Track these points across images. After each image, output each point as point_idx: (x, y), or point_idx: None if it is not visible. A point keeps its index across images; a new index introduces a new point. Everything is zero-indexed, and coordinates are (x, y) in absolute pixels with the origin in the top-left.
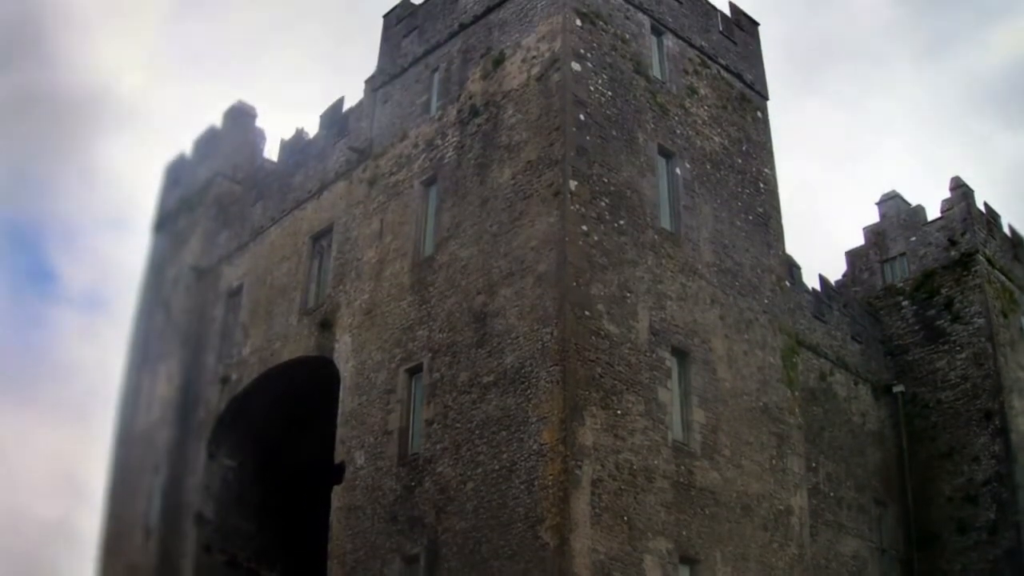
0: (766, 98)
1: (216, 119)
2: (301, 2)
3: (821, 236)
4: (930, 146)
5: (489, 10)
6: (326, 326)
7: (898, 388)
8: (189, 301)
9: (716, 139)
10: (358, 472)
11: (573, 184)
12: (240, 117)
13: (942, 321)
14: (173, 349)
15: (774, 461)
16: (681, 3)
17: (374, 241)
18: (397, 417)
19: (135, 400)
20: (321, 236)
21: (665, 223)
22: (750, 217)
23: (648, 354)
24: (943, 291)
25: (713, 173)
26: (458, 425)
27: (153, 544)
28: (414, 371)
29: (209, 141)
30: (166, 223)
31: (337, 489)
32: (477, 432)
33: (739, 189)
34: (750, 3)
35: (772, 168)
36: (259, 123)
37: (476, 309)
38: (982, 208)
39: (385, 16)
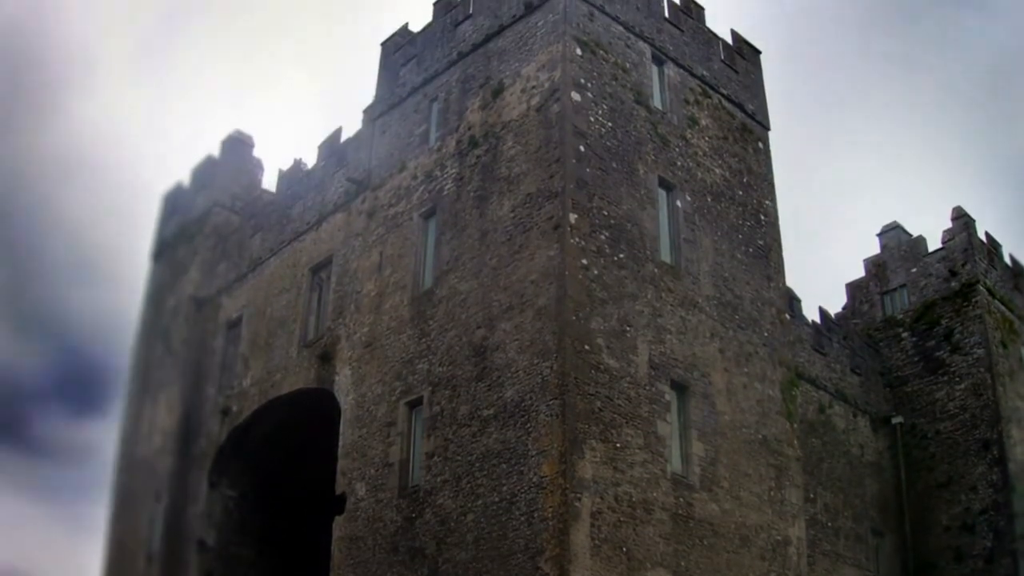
0: (767, 128)
1: (213, 148)
2: (298, 30)
3: (821, 266)
4: (934, 173)
5: (488, 38)
6: (326, 359)
7: (897, 419)
8: (189, 331)
9: (717, 171)
10: (359, 503)
11: (573, 217)
12: (237, 147)
13: (942, 352)
14: (173, 379)
15: (772, 492)
16: (683, 31)
17: (373, 274)
18: (398, 449)
19: (136, 428)
20: (320, 268)
21: (665, 256)
22: (750, 250)
23: (647, 388)
24: (943, 322)
25: (714, 205)
26: (458, 458)
27: (155, 570)
28: (414, 404)
29: (207, 170)
30: (164, 252)
31: (338, 519)
32: (477, 465)
33: (740, 221)
34: (752, 31)
35: (773, 200)
36: (256, 153)
37: (476, 343)
38: (983, 238)
39: (383, 44)
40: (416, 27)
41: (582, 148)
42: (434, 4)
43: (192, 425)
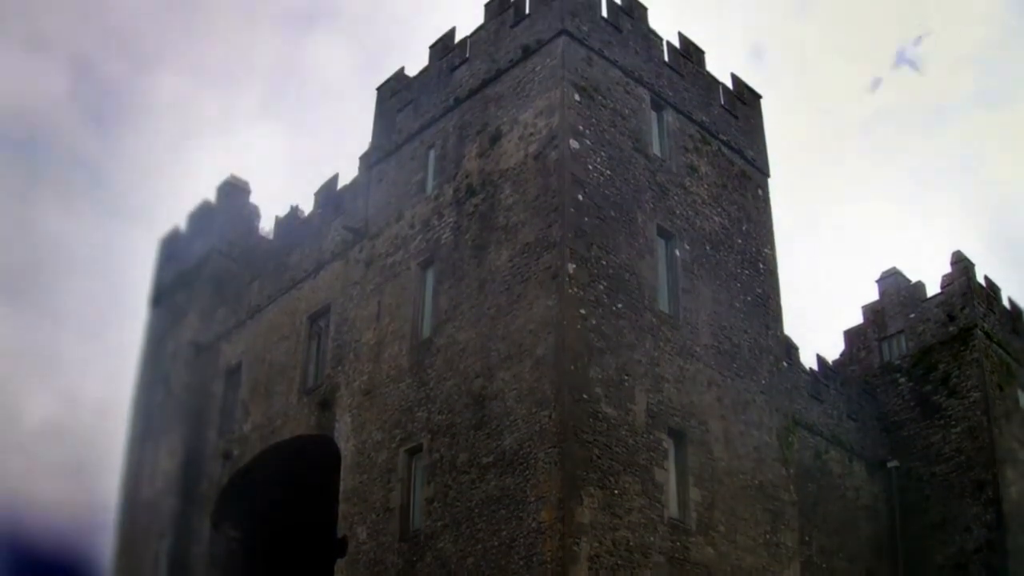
0: (767, 175)
1: (208, 192)
2: (294, 73)
3: (820, 313)
4: (935, 217)
5: (485, 84)
6: (326, 406)
7: (892, 463)
8: (189, 376)
9: (716, 219)
10: (361, 547)
11: (571, 267)
12: (233, 192)
13: (938, 396)
14: (174, 423)
15: (768, 536)
16: (682, 76)
17: (372, 323)
18: (398, 495)
19: (138, 471)
20: (319, 316)
21: (664, 306)
22: (749, 298)
23: (645, 435)
24: (940, 367)
25: (712, 254)
26: (458, 503)
27: None
28: (414, 451)
29: (203, 215)
30: (163, 297)
31: (340, 563)
32: (477, 510)
33: (738, 270)
34: (751, 73)
35: (772, 247)
36: (252, 199)
37: (475, 392)
38: (982, 282)
39: (379, 89)
40: (412, 71)
41: (580, 197)
42: (430, 48)
43: (194, 468)
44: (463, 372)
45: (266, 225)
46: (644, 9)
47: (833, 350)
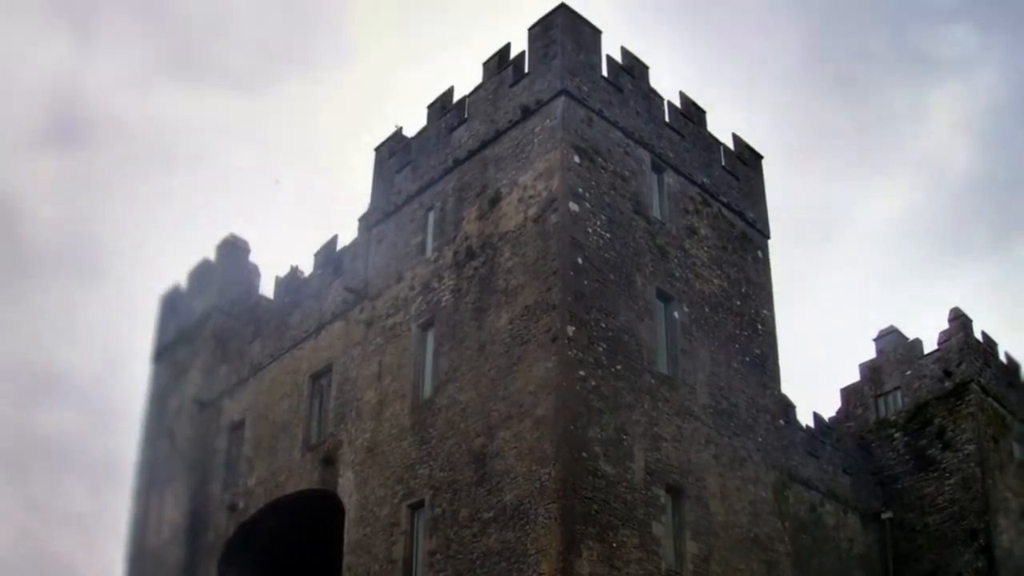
0: (767, 236)
1: (207, 249)
2: (293, 132)
3: (817, 371)
4: (935, 275)
5: (484, 145)
6: (329, 462)
7: (886, 515)
8: (192, 431)
9: (715, 281)
10: None
11: (571, 330)
12: (233, 251)
13: (933, 450)
14: (179, 475)
15: None
16: (683, 136)
17: (373, 382)
18: (401, 548)
19: (144, 522)
20: (320, 376)
21: (662, 367)
22: (747, 358)
23: (643, 491)
24: (936, 421)
25: (711, 316)
26: (460, 556)
27: None
28: (416, 506)
29: (204, 274)
30: (165, 353)
31: None
32: (478, 563)
33: (737, 331)
34: (752, 132)
35: (771, 309)
36: (252, 258)
37: (476, 450)
38: (980, 337)
39: (377, 149)
40: (410, 131)
41: (580, 260)
42: (428, 108)
43: (199, 519)
44: (464, 431)
45: (265, 284)
46: (645, 68)
47: (830, 407)
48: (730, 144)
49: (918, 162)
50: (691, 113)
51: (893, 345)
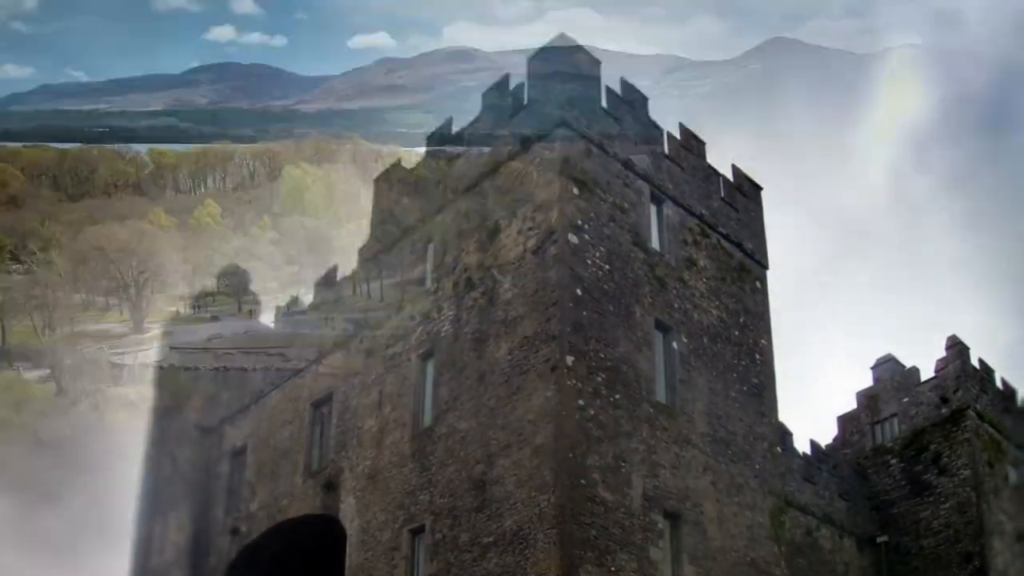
0: (766, 267)
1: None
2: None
3: (814, 398)
4: (934, 303)
5: (483, 176)
6: (330, 487)
7: (882, 539)
8: (194, 456)
9: (714, 312)
10: None
11: (570, 360)
12: (234, 280)
13: (929, 475)
14: (181, 499)
15: None
16: (682, 168)
17: (374, 411)
18: (402, 571)
19: (147, 544)
20: (321, 403)
21: (661, 396)
22: (745, 388)
23: (641, 517)
24: (932, 447)
25: (710, 346)
26: None
27: None
28: (417, 531)
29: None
30: (166, 379)
31: None
32: None
33: (735, 361)
34: (750, 161)
35: (769, 339)
36: (252, 287)
37: (476, 477)
38: (976, 364)
39: (376, 180)
40: (410, 162)
41: (579, 291)
42: (427, 138)
43: (202, 542)
44: (464, 459)
45: (265, 314)
46: (644, 100)
47: (827, 435)
48: (729, 175)
49: None
50: (691, 145)
51: (890, 373)
